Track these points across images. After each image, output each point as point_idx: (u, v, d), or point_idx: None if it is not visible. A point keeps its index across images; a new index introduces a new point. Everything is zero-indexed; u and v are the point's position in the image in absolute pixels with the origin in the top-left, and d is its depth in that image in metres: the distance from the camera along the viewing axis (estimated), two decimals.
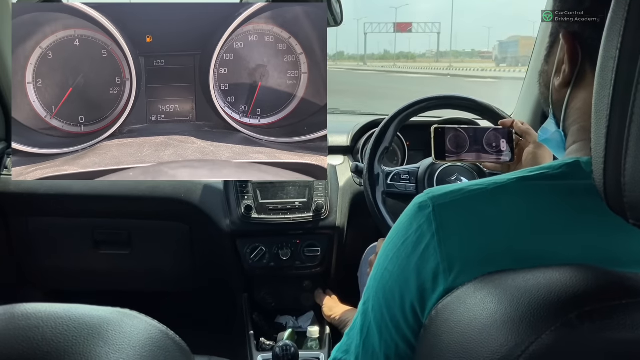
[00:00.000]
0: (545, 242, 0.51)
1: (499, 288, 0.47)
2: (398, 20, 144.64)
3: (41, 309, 0.40)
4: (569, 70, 0.60)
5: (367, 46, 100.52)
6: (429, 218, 0.54)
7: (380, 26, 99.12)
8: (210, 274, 1.85)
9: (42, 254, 1.76)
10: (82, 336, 0.38)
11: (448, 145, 1.22)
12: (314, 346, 1.58)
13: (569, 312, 0.42)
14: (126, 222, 1.73)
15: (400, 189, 1.38)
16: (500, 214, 0.53)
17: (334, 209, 1.62)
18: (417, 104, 1.40)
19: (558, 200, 0.53)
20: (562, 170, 0.55)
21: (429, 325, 0.52)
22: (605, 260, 0.50)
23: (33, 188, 1.60)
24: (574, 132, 0.61)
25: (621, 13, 0.42)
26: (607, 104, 0.43)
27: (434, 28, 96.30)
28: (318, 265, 1.66)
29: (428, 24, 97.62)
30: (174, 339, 0.44)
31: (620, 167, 0.43)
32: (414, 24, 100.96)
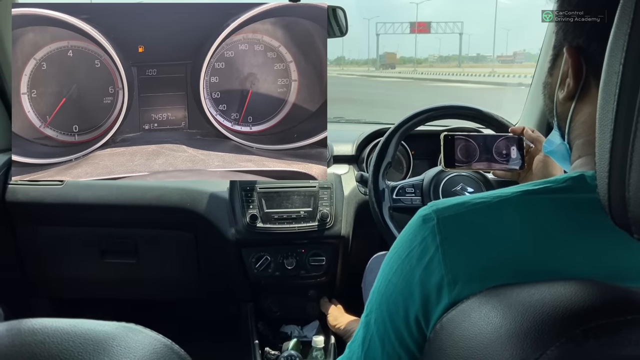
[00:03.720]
0: (550, 257, 0.51)
1: (503, 302, 0.47)
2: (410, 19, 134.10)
3: (47, 324, 0.40)
4: (574, 84, 0.59)
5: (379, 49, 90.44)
6: (433, 231, 0.54)
7: (395, 26, 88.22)
8: (215, 283, 1.85)
9: (50, 263, 1.79)
10: (88, 352, 0.38)
11: (458, 153, 1.20)
12: (319, 356, 1.57)
13: (574, 328, 0.42)
14: (132, 231, 1.74)
15: (407, 202, 1.36)
16: (504, 227, 0.52)
17: (339, 219, 1.61)
18: (418, 115, 1.37)
19: (562, 214, 0.53)
20: (567, 184, 0.54)
21: (434, 339, 0.52)
22: (610, 275, 0.49)
23: (40, 197, 1.63)
24: (579, 145, 0.61)
25: (624, 28, 0.42)
26: (611, 119, 0.43)
27: (456, 28, 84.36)
28: (323, 275, 1.65)
29: (449, 24, 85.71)
30: (179, 353, 0.44)
31: (624, 182, 0.43)
32: (432, 24, 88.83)
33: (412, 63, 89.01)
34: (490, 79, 31.12)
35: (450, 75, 40.33)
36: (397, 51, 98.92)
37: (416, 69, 62.29)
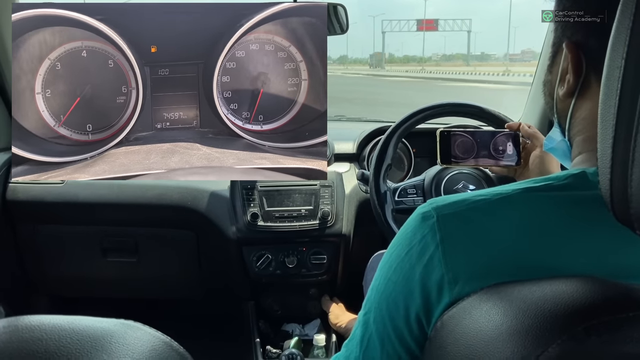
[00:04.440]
0: (551, 254, 0.51)
1: (504, 300, 0.47)
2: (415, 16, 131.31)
3: (45, 321, 0.40)
4: (573, 80, 0.59)
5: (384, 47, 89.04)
6: (433, 228, 0.54)
7: (401, 24, 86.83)
8: (216, 281, 1.85)
9: (50, 261, 1.78)
10: (85, 349, 0.38)
11: (455, 149, 1.20)
12: (321, 354, 1.57)
13: (575, 325, 0.41)
14: (133, 230, 1.74)
15: (409, 204, 1.36)
16: (505, 225, 0.52)
17: (340, 217, 1.61)
18: (417, 114, 1.37)
19: (563, 211, 0.52)
20: (568, 181, 0.54)
21: (434, 337, 0.52)
22: (612, 272, 0.49)
23: (41, 196, 1.62)
24: (579, 142, 0.61)
25: (626, 22, 0.41)
26: (613, 114, 0.43)
27: (464, 25, 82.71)
28: (324, 273, 1.65)
29: (457, 21, 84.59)
30: (178, 350, 0.44)
31: (626, 178, 0.42)
32: (440, 21, 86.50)
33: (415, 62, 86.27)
34: (508, 78, 29.74)
35: (462, 74, 38.49)
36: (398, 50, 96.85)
37: (424, 68, 60.06)
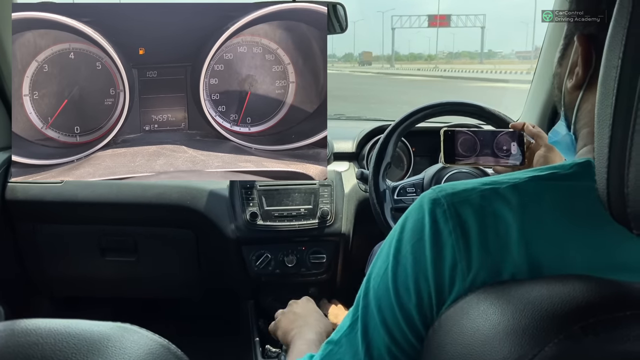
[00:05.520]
0: (556, 244, 0.51)
1: (501, 299, 0.47)
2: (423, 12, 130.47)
3: (41, 325, 0.39)
4: (582, 73, 0.59)
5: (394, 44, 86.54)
6: (445, 215, 0.53)
7: (412, 19, 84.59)
8: (215, 280, 1.85)
9: (49, 261, 1.80)
10: (82, 353, 0.38)
11: (458, 148, 1.20)
12: None
13: (572, 324, 0.41)
14: (132, 229, 1.74)
15: (408, 202, 1.35)
16: (515, 215, 0.52)
17: (339, 216, 1.61)
18: (417, 113, 1.36)
19: (569, 202, 0.52)
20: (574, 170, 0.54)
21: (432, 337, 0.52)
22: (612, 265, 0.50)
23: (40, 195, 1.64)
24: (584, 135, 0.61)
25: (623, 22, 0.42)
26: (609, 113, 0.43)
27: (477, 21, 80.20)
28: (324, 272, 1.65)
29: (470, 17, 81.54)
30: (175, 353, 0.43)
31: (623, 177, 0.42)
32: (452, 17, 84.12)
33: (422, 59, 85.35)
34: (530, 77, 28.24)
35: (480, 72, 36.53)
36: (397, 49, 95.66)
37: (437, 65, 58.76)
